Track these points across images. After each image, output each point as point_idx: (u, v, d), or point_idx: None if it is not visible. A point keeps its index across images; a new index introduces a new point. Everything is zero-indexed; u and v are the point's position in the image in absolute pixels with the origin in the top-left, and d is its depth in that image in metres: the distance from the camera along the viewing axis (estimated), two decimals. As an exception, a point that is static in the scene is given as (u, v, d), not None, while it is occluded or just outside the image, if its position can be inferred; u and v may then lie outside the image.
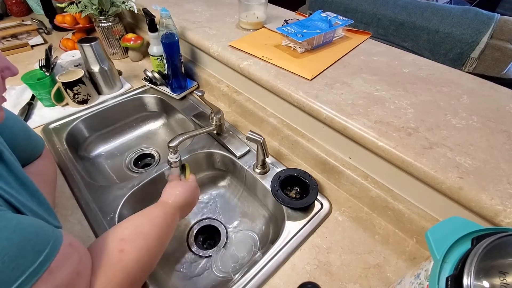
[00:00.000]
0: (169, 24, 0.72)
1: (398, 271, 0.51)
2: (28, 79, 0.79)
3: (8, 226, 0.28)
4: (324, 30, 0.72)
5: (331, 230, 0.57)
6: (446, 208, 0.48)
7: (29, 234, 0.29)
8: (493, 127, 0.52)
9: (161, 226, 0.46)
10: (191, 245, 0.68)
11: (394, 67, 0.69)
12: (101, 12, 0.97)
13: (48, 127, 0.77)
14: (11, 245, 0.27)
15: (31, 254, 0.28)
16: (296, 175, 0.62)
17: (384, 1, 1.59)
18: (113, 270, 0.37)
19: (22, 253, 0.27)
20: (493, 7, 2.28)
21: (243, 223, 0.72)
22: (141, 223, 0.45)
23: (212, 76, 0.87)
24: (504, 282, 0.24)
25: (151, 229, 0.45)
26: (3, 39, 1.12)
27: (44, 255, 0.29)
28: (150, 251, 0.42)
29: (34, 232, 0.30)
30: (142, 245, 0.42)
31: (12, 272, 0.26)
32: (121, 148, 0.90)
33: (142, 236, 0.43)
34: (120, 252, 0.39)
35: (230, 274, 0.61)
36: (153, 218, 0.47)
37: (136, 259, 0.40)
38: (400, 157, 0.48)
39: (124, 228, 0.43)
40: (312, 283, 0.48)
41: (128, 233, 0.42)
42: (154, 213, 0.48)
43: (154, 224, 0.46)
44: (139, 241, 0.42)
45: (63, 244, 0.32)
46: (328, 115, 0.56)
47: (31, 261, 0.28)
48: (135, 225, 0.44)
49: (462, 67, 1.44)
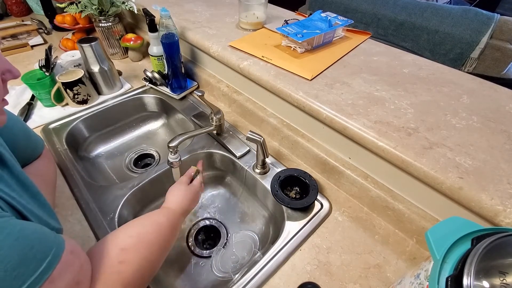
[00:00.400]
0: (169, 24, 0.72)
1: (398, 271, 0.51)
2: (28, 79, 0.79)
3: (11, 233, 0.27)
4: (324, 30, 0.72)
5: (331, 230, 0.57)
6: (446, 208, 0.48)
7: (32, 241, 0.29)
8: (493, 127, 0.52)
9: (165, 234, 0.46)
10: (191, 245, 0.68)
11: (394, 67, 0.69)
12: (101, 12, 0.97)
13: (48, 127, 0.77)
14: (14, 253, 0.27)
15: (33, 262, 0.28)
16: (296, 175, 0.62)
17: (384, 1, 1.59)
18: (111, 282, 0.37)
19: (24, 261, 0.27)
20: (493, 7, 2.28)
21: (243, 223, 0.72)
22: (145, 231, 0.44)
23: (212, 76, 0.87)
24: (504, 282, 0.24)
25: (154, 237, 0.44)
26: (3, 39, 1.12)
27: (46, 263, 0.29)
28: (151, 261, 0.42)
29: (37, 239, 0.30)
30: (144, 255, 0.41)
31: (14, 280, 0.26)
32: (121, 148, 0.90)
33: (145, 246, 0.42)
34: (120, 263, 0.38)
35: (230, 274, 0.61)
36: (158, 225, 0.46)
37: (136, 269, 0.39)
38: (400, 157, 0.48)
39: (127, 236, 0.42)
40: (312, 283, 0.48)
41: (131, 243, 0.41)
42: (159, 220, 0.47)
43: (158, 233, 0.45)
44: (141, 251, 0.41)
45: (64, 251, 0.32)
46: (328, 115, 0.56)
47: (33, 270, 0.28)
48: (138, 233, 0.43)
49: (462, 67, 1.44)
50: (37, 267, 0.28)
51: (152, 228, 0.45)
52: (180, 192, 0.54)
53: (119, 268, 0.38)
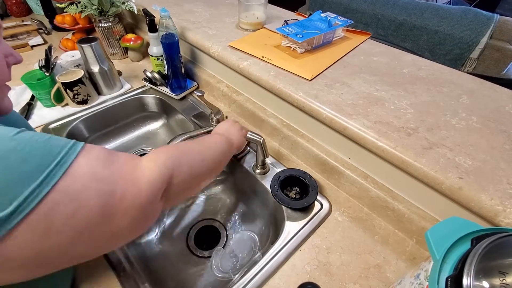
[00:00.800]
0: (169, 25, 0.72)
1: (398, 271, 0.51)
2: (28, 79, 0.79)
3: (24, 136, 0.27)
4: (324, 31, 0.72)
5: (331, 230, 0.57)
6: (446, 208, 0.49)
7: (46, 140, 0.28)
8: (493, 127, 0.52)
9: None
10: (191, 245, 0.68)
11: (393, 68, 0.69)
12: (101, 12, 0.97)
13: (48, 128, 0.77)
14: (35, 146, 0.26)
15: (62, 141, 0.28)
16: (296, 175, 0.62)
17: (384, 2, 1.59)
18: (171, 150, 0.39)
19: (52, 140, 0.27)
20: (492, 8, 2.29)
21: (243, 223, 0.72)
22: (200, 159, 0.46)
23: (212, 77, 0.87)
24: (503, 282, 0.24)
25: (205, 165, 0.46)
26: (3, 39, 1.11)
27: (72, 144, 0.29)
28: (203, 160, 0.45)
29: (51, 137, 0.29)
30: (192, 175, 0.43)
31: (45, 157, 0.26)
32: (121, 149, 0.90)
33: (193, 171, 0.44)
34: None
35: (230, 274, 0.61)
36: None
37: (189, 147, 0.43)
38: (400, 157, 0.48)
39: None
40: (312, 283, 0.48)
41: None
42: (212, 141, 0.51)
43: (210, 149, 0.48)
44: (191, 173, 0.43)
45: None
46: (328, 115, 0.56)
47: (65, 144, 0.28)
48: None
49: (461, 68, 1.44)
50: (66, 143, 0.28)
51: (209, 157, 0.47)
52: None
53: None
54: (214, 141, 0.51)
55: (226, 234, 0.70)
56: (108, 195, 0.28)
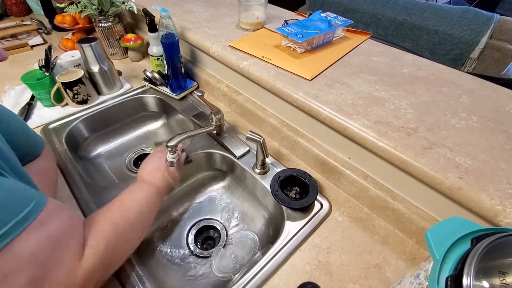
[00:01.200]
0: (169, 24, 0.72)
1: (398, 271, 0.51)
2: (27, 79, 0.79)
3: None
4: (324, 31, 0.72)
5: (331, 230, 0.57)
6: (446, 208, 0.49)
7: (14, 191, 0.28)
8: (493, 127, 0.52)
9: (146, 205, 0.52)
10: (191, 245, 0.68)
11: (393, 67, 0.69)
12: (101, 12, 0.96)
13: (47, 127, 0.77)
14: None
15: (17, 206, 0.28)
16: (296, 175, 0.62)
17: (384, 1, 1.59)
18: (102, 224, 0.41)
19: (7, 204, 0.27)
20: (492, 8, 2.29)
21: (242, 223, 0.72)
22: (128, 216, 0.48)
23: (212, 76, 0.87)
24: (503, 282, 0.24)
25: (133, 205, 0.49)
26: (3, 39, 1.12)
27: (33, 205, 0.29)
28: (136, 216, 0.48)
29: (18, 189, 0.29)
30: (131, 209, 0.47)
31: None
32: (121, 148, 0.90)
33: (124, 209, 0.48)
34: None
35: (230, 274, 0.61)
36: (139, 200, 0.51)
37: (121, 214, 0.45)
38: (400, 157, 0.48)
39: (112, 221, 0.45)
40: (312, 283, 0.48)
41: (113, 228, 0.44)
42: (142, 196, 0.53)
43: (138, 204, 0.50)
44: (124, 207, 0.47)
45: (48, 201, 0.31)
46: (327, 115, 0.56)
47: (18, 211, 0.27)
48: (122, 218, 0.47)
49: (461, 67, 1.44)
50: (22, 209, 0.28)
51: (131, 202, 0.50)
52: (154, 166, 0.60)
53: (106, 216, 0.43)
54: (145, 199, 0.52)
55: (226, 234, 0.70)
56: (42, 280, 0.28)
